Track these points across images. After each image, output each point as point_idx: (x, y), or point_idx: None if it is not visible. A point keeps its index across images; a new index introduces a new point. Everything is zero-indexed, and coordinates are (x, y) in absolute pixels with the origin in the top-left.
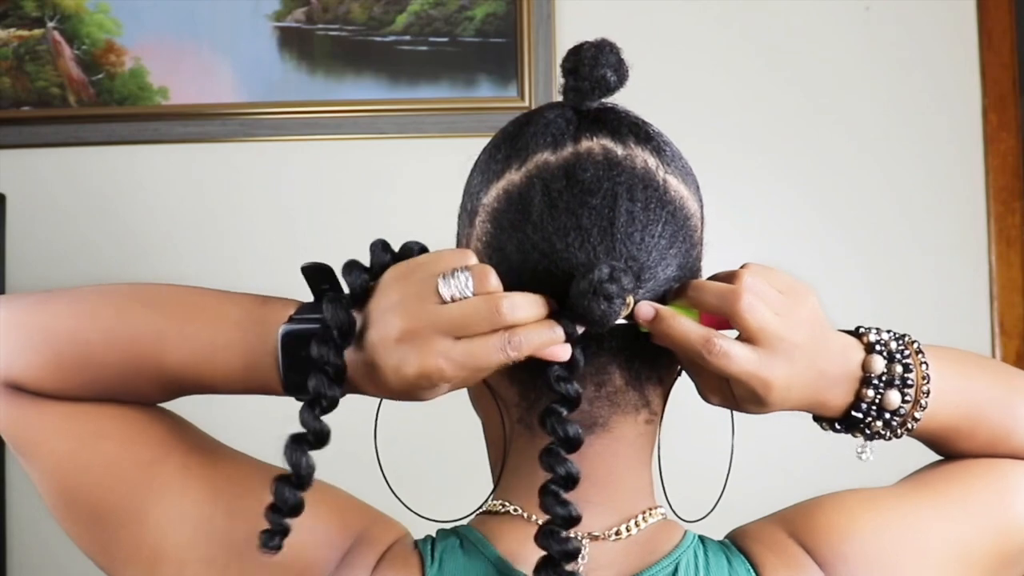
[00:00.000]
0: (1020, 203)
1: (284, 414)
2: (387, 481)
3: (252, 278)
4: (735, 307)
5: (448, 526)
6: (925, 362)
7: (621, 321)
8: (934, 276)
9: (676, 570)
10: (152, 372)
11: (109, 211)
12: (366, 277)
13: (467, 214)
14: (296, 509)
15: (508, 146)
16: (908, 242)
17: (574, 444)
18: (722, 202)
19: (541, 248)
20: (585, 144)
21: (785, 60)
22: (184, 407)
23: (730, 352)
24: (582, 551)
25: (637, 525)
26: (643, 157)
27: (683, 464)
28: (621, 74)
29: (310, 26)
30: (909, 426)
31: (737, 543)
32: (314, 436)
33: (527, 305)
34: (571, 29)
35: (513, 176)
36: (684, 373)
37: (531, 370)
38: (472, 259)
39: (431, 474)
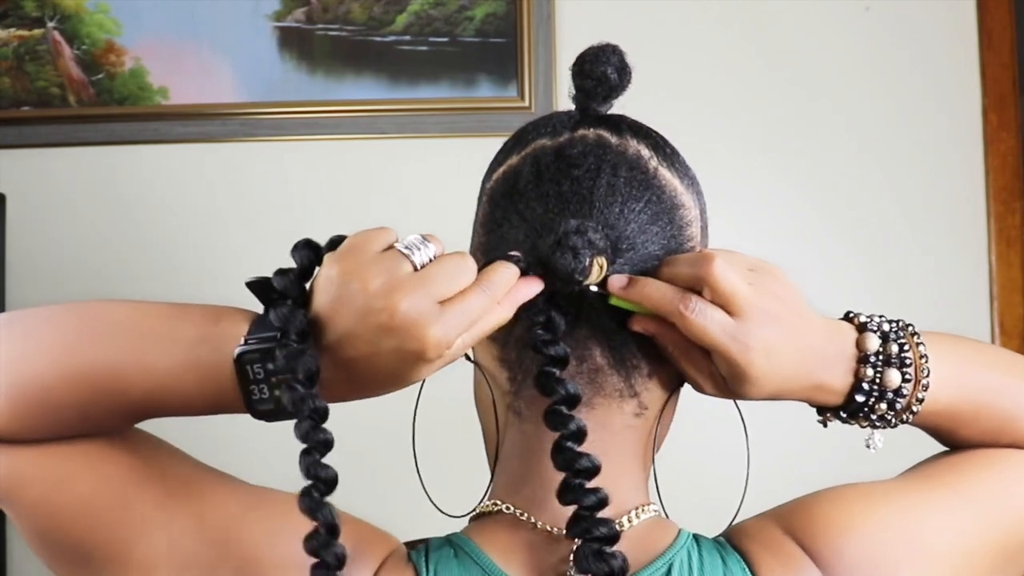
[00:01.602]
0: (1020, 203)
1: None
2: (423, 483)
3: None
4: (707, 268)
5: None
6: (922, 343)
7: (594, 289)
8: (934, 276)
9: (670, 570)
10: (113, 406)
11: (109, 211)
12: (294, 278)
13: (477, 203)
14: (331, 526)
15: (514, 139)
16: (908, 242)
17: (574, 399)
18: (722, 202)
19: (524, 215)
20: (581, 132)
21: (785, 60)
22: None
23: (706, 312)
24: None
25: (630, 521)
26: (636, 147)
27: (678, 465)
28: (623, 73)
29: (310, 26)
30: (914, 409)
31: (732, 541)
32: (320, 446)
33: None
34: (571, 29)
35: (512, 160)
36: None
37: (518, 350)
38: (393, 234)
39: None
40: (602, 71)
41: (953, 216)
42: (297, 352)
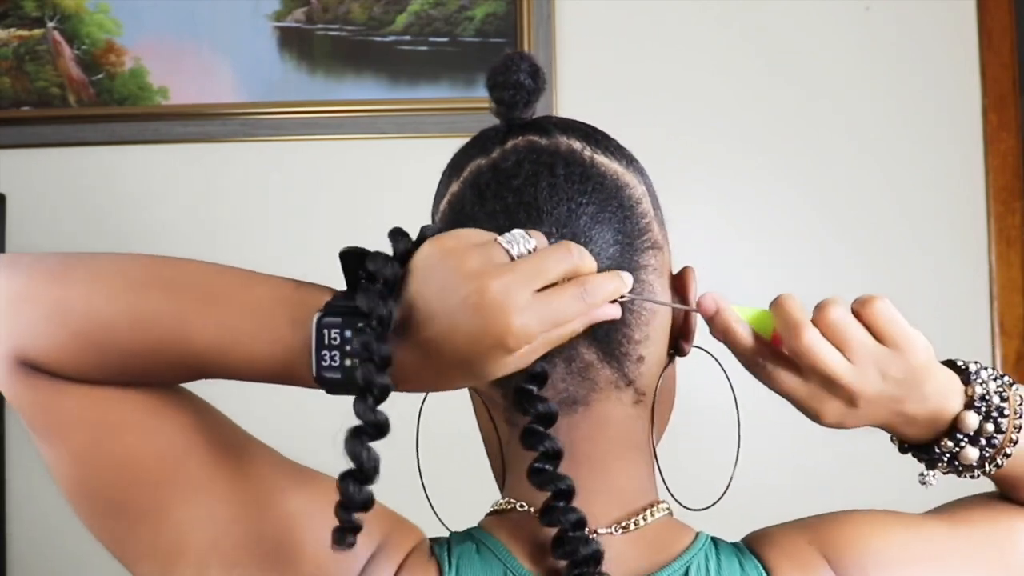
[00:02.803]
0: (1020, 203)
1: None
2: (427, 494)
3: None
4: (795, 341)
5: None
6: (1020, 423)
7: None
8: (934, 276)
9: (687, 573)
10: (174, 356)
11: (109, 211)
12: (397, 265)
13: None
14: (366, 504)
15: (450, 168)
16: (908, 242)
17: (548, 418)
18: (722, 202)
19: None
20: (511, 142)
21: (785, 60)
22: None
23: (780, 378)
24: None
25: (644, 519)
26: (567, 142)
27: (691, 462)
28: (537, 77)
29: (310, 26)
30: (976, 475)
31: (752, 547)
32: (373, 427)
33: (589, 254)
34: (571, 29)
35: (453, 187)
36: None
37: None
38: (493, 234)
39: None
40: (516, 79)
41: (953, 216)
42: (380, 327)
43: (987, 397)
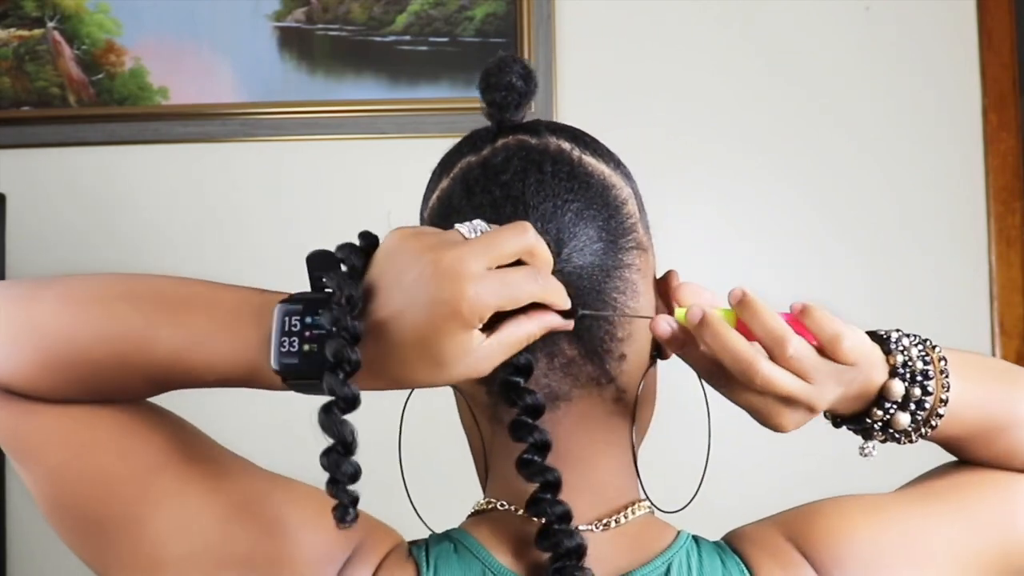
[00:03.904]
0: (1020, 203)
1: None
2: (409, 497)
3: (251, 278)
4: (751, 378)
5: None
6: (948, 382)
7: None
8: (934, 276)
9: (669, 570)
10: (140, 365)
11: (109, 211)
12: (361, 253)
13: None
14: (355, 476)
15: (440, 166)
16: (908, 242)
17: (535, 410)
18: (722, 202)
19: None
20: (502, 141)
21: (785, 60)
22: (180, 406)
23: (738, 394)
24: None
25: (625, 517)
26: (556, 142)
27: (675, 464)
28: (529, 79)
29: (310, 26)
30: (933, 423)
31: (732, 545)
32: (344, 401)
33: (544, 243)
34: (571, 29)
35: (443, 184)
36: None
37: None
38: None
39: (429, 478)
40: (508, 81)
41: (953, 216)
42: (348, 305)
43: (909, 363)
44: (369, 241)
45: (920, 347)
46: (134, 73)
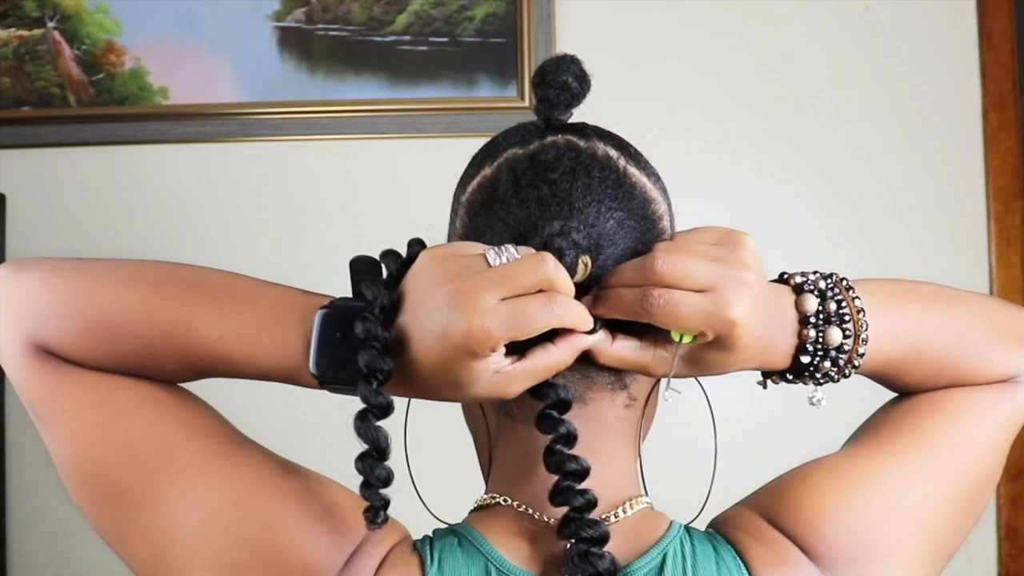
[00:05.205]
0: (1020, 203)
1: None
2: (416, 489)
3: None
4: (651, 268)
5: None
6: (857, 296)
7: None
8: (934, 276)
9: (664, 560)
10: (181, 347)
11: (109, 211)
12: (401, 263)
13: (451, 216)
14: (387, 480)
15: (484, 152)
16: (908, 242)
17: (565, 404)
18: (722, 202)
19: (506, 220)
20: (550, 138)
21: (785, 60)
22: (209, 393)
23: (673, 297)
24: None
25: (624, 512)
26: (604, 149)
27: (671, 463)
28: (583, 82)
29: (310, 26)
30: (855, 363)
31: (720, 531)
32: (378, 408)
33: (568, 277)
34: (571, 29)
35: (486, 171)
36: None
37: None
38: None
39: (434, 473)
40: (563, 80)
41: (953, 216)
42: (383, 314)
43: (811, 281)
44: (413, 250)
45: (815, 272)
46: (134, 73)
